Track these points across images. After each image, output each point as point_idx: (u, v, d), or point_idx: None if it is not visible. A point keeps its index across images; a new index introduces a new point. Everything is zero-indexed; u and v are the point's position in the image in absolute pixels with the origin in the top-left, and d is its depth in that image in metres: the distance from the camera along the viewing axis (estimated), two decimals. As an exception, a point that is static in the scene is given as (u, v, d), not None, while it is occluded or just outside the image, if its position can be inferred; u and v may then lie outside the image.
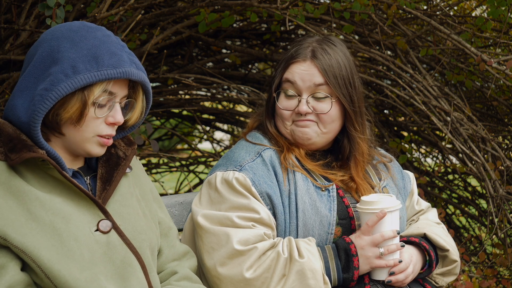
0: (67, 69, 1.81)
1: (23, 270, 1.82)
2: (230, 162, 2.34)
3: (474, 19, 3.99)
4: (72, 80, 1.80)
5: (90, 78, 1.81)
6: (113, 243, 1.89)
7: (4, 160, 1.83)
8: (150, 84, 1.97)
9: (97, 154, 1.95)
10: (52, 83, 1.80)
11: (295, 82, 2.35)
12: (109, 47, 1.86)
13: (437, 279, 2.46)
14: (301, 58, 2.36)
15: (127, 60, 1.88)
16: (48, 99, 1.79)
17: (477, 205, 4.85)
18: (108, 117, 1.91)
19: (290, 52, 2.41)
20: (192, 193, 2.72)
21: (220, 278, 2.21)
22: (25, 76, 1.87)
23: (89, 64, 1.82)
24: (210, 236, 2.23)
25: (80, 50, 1.83)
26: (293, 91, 2.37)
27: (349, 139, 2.42)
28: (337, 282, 2.26)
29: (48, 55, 1.84)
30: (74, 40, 1.85)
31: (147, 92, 1.98)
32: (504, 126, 4.50)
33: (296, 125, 2.38)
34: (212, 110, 5.15)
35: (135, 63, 1.90)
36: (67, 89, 1.80)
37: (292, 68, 2.37)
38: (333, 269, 2.24)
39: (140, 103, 1.99)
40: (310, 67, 2.35)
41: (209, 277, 2.25)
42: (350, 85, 2.37)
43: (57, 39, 1.86)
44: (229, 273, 2.20)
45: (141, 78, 1.91)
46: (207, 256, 2.24)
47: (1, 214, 1.78)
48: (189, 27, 4.14)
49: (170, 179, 7.50)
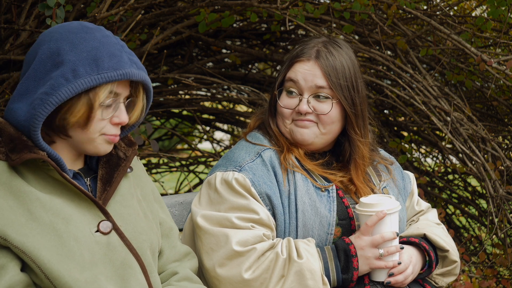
0: (68, 73, 1.80)
1: (22, 270, 1.81)
2: (230, 163, 2.34)
3: (474, 19, 3.99)
4: (73, 84, 1.79)
5: (91, 82, 1.81)
6: (113, 244, 1.89)
7: (5, 160, 1.83)
8: (151, 83, 1.97)
9: (105, 151, 1.95)
10: (53, 87, 1.79)
11: (297, 81, 2.36)
12: (108, 48, 1.86)
13: (437, 280, 2.46)
14: (305, 58, 2.36)
15: (127, 60, 1.87)
16: (49, 104, 1.78)
17: (477, 205, 4.85)
18: (114, 117, 1.91)
19: (295, 50, 2.42)
20: (192, 193, 2.72)
21: (219, 279, 2.21)
22: (25, 79, 1.86)
23: (89, 67, 1.81)
24: (209, 237, 2.23)
25: (80, 52, 1.82)
26: (295, 90, 2.37)
27: (349, 142, 2.42)
28: (336, 283, 2.26)
29: (47, 58, 1.83)
30: (74, 42, 1.84)
31: (147, 91, 1.98)
32: (504, 126, 4.50)
33: (295, 125, 2.37)
34: (212, 110, 5.15)
35: (135, 63, 1.90)
36: (67, 94, 1.79)
37: (295, 66, 2.38)
38: (332, 270, 2.24)
39: (140, 102, 1.99)
40: (313, 67, 2.35)
41: (208, 277, 2.25)
42: (353, 88, 2.36)
43: (56, 41, 1.85)
44: (228, 274, 2.20)
45: (142, 78, 1.91)
46: (206, 257, 2.24)
47: (2, 214, 1.78)
48: (189, 27, 4.14)
49: (170, 179, 7.50)
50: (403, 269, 2.29)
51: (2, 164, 1.83)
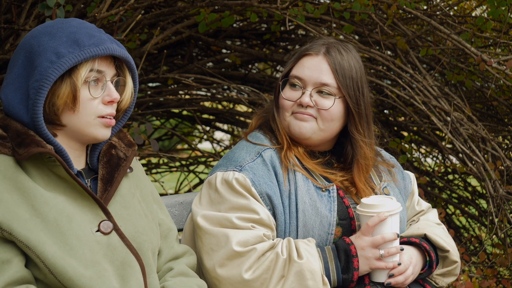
0: (51, 56, 1.85)
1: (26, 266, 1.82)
2: (231, 162, 2.34)
3: (474, 19, 3.99)
4: (59, 63, 1.84)
5: (76, 58, 1.85)
6: (113, 244, 1.90)
7: (11, 155, 1.85)
8: (134, 62, 2.01)
9: (103, 136, 1.96)
10: (41, 73, 1.83)
11: (303, 74, 2.36)
12: (86, 30, 1.91)
13: (437, 280, 2.46)
14: (314, 52, 2.37)
15: (107, 39, 1.93)
16: (42, 88, 1.82)
17: (477, 205, 4.84)
18: (104, 96, 1.93)
19: (304, 46, 2.43)
20: (192, 193, 2.72)
21: (219, 279, 2.21)
22: (14, 78, 1.90)
23: (71, 48, 1.86)
24: (210, 237, 2.23)
25: (59, 38, 1.88)
26: (299, 83, 2.37)
27: (351, 143, 2.41)
28: (337, 283, 2.25)
29: (30, 52, 1.88)
30: (52, 32, 1.90)
31: (132, 70, 2.01)
32: (504, 126, 4.50)
33: (294, 117, 2.37)
34: (212, 110, 5.15)
35: (116, 42, 1.95)
36: (56, 73, 1.83)
37: (303, 60, 2.39)
38: (332, 270, 2.24)
39: (129, 81, 2.02)
40: (321, 62, 2.35)
41: (209, 278, 2.25)
42: (358, 90, 2.36)
43: (36, 37, 1.90)
44: (228, 274, 2.20)
45: (124, 54, 1.95)
46: (207, 257, 2.24)
47: (7, 209, 1.79)
48: (189, 27, 4.14)
49: (170, 179, 7.50)
50: (403, 270, 2.29)
51: (8, 159, 1.84)
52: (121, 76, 1.99)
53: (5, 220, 1.78)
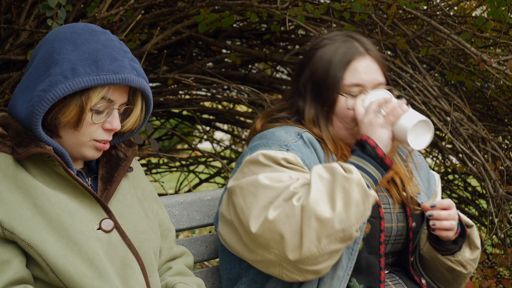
0: (66, 71, 1.80)
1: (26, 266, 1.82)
2: (273, 142, 2.20)
3: (474, 19, 3.99)
4: (71, 82, 1.79)
5: (89, 82, 1.80)
6: (114, 243, 1.90)
7: (11, 154, 1.84)
8: (150, 91, 1.95)
9: (92, 157, 1.95)
10: (51, 84, 1.80)
11: (361, 79, 2.26)
12: (110, 52, 1.86)
13: (468, 266, 2.39)
14: (359, 54, 2.28)
15: (128, 66, 1.87)
16: (45, 101, 1.79)
17: (477, 205, 4.84)
18: (106, 123, 1.91)
19: (337, 53, 2.29)
20: (192, 193, 2.71)
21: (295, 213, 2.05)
22: (26, 76, 1.87)
23: (89, 67, 1.81)
24: (270, 190, 2.07)
25: (82, 53, 1.83)
26: (357, 90, 2.27)
27: None
28: (375, 177, 2.16)
29: (49, 56, 1.84)
30: (77, 42, 1.84)
31: (147, 99, 1.97)
32: (504, 126, 4.50)
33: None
34: (212, 110, 5.15)
35: (136, 69, 1.89)
36: (64, 91, 1.79)
37: (353, 65, 2.27)
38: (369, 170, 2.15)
39: (138, 110, 1.97)
40: (371, 62, 2.29)
41: (267, 230, 2.06)
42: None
43: (59, 41, 1.86)
44: (283, 210, 2.04)
45: (141, 85, 1.90)
46: (265, 212, 2.06)
47: (9, 208, 1.78)
48: (189, 27, 4.14)
49: (170, 179, 7.50)
50: (447, 205, 2.23)
51: (8, 157, 1.84)
52: (131, 103, 1.96)
53: (7, 219, 1.77)
